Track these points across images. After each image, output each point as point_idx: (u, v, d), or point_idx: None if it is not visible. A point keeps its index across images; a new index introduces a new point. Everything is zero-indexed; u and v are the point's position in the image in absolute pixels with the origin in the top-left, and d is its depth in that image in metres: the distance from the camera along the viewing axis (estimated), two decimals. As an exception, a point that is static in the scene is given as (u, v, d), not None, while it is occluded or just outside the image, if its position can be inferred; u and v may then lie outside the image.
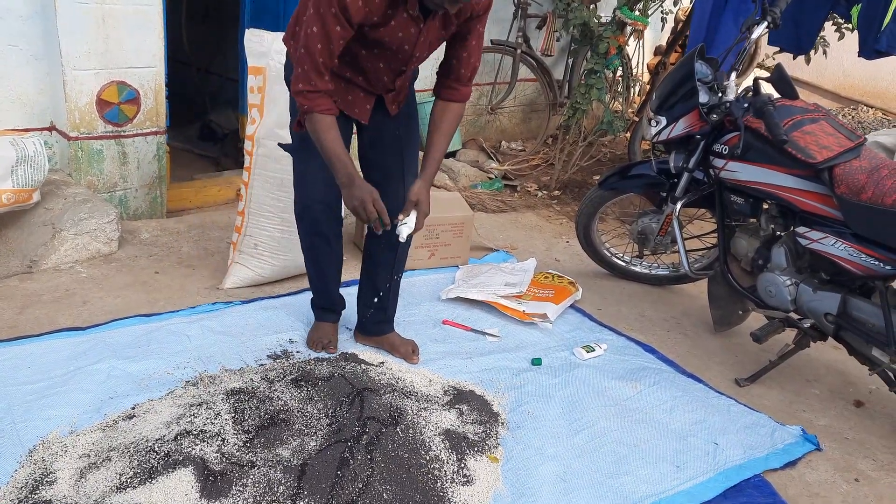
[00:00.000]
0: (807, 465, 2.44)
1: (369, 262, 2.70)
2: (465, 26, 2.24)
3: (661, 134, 3.03)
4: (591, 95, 4.72)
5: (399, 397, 2.39)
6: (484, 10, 2.22)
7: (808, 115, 2.67)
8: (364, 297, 2.76)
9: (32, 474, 1.98)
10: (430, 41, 2.25)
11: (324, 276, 2.71)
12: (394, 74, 2.32)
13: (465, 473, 2.15)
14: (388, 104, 2.41)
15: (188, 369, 2.54)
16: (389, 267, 2.66)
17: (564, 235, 4.20)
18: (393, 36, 2.17)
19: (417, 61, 2.31)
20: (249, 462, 2.01)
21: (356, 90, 2.37)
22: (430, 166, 2.36)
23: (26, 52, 3.28)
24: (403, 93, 2.43)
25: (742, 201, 2.89)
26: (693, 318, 3.37)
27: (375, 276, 2.69)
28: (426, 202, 2.33)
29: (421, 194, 2.32)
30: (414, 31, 2.18)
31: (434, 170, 2.37)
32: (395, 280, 2.71)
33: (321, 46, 2.10)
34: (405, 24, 2.16)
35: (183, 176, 4.23)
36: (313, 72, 2.13)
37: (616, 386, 2.70)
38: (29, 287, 2.99)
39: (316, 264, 2.69)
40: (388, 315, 2.78)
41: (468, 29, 2.25)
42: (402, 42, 2.20)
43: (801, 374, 2.97)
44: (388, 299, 2.74)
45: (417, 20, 2.15)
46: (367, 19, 2.09)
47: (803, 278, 2.74)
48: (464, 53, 2.30)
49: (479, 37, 2.30)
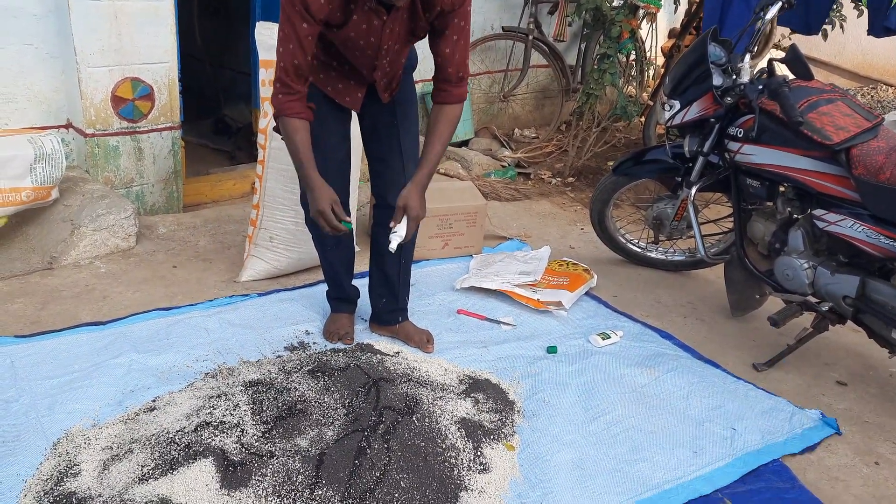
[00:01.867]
0: (826, 450, 2.43)
1: (377, 251, 2.71)
2: (440, 21, 2.21)
3: (675, 118, 3.01)
4: (605, 80, 4.69)
5: (415, 387, 2.40)
6: (459, 4, 2.17)
7: (824, 96, 2.65)
8: (375, 287, 2.77)
9: (57, 466, 2.01)
10: (397, 32, 2.24)
11: (335, 268, 2.73)
12: (369, 67, 2.32)
13: (482, 461, 2.16)
14: (379, 92, 2.41)
15: (207, 362, 2.56)
16: (397, 255, 2.65)
17: (579, 222, 4.19)
18: (357, 30, 2.18)
19: (388, 53, 2.28)
20: (268, 452, 2.03)
21: (346, 79, 2.38)
22: (422, 170, 2.33)
23: (41, 51, 3.31)
24: (395, 81, 2.42)
25: (758, 185, 2.87)
26: (710, 303, 3.35)
27: (384, 266, 2.70)
28: (416, 206, 2.30)
29: (410, 199, 2.29)
30: (377, 23, 2.18)
31: (427, 173, 2.34)
32: (404, 268, 2.72)
33: (292, 46, 2.13)
34: (367, 18, 2.17)
35: (198, 170, 4.26)
36: (286, 74, 2.17)
37: (632, 373, 2.70)
38: (50, 283, 3.03)
39: (327, 257, 2.71)
40: (401, 304, 2.79)
41: (444, 24, 2.20)
42: (368, 35, 2.21)
43: (820, 358, 2.95)
44: (400, 288, 2.75)
45: (379, 13, 2.14)
46: (330, 16, 2.11)
47: (821, 261, 2.71)
48: (446, 50, 2.25)
49: (461, 32, 2.23)
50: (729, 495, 2.16)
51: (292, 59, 2.15)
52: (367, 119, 2.54)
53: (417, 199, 2.30)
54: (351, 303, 2.84)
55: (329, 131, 2.45)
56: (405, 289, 2.79)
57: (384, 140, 2.53)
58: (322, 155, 2.34)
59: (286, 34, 2.13)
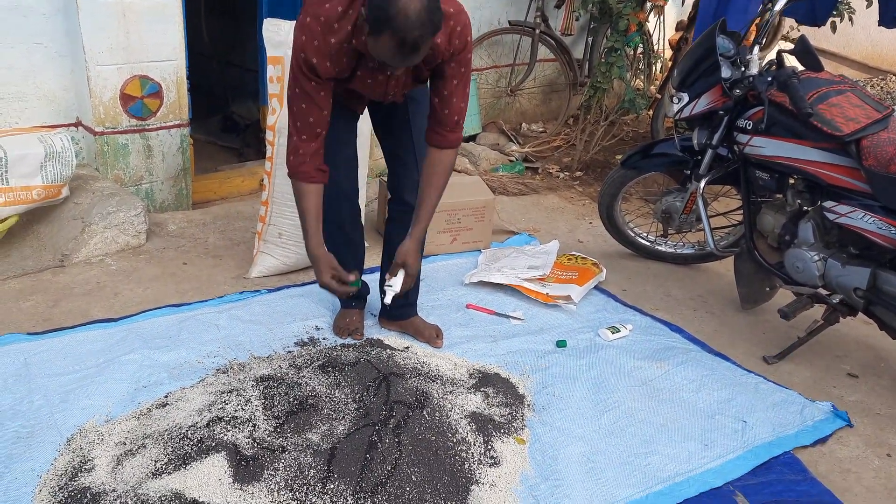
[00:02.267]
0: (837, 442, 2.42)
1: (389, 247, 2.71)
2: (440, 69, 2.21)
3: (684, 111, 3.00)
4: (612, 74, 4.67)
5: (425, 381, 2.41)
6: (458, 51, 2.17)
7: (834, 87, 2.63)
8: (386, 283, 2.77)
9: (71, 462, 2.03)
10: (402, 83, 2.28)
11: (345, 264, 2.73)
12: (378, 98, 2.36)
13: (493, 455, 2.17)
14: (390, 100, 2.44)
15: (218, 357, 2.58)
16: None
17: (587, 216, 4.19)
18: (363, 84, 2.25)
19: (395, 97, 2.34)
20: (280, 447, 2.05)
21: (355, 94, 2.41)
22: (419, 223, 2.36)
23: (51, 50, 3.33)
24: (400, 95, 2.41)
25: (767, 177, 2.86)
26: (719, 296, 3.35)
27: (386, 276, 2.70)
28: (413, 263, 2.37)
29: (408, 255, 2.35)
30: (381, 77, 2.22)
31: (424, 226, 2.36)
32: None
33: (305, 106, 2.17)
34: (371, 74, 2.20)
35: (206, 168, 4.28)
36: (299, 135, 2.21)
37: (642, 366, 2.70)
38: (61, 280, 3.05)
39: (336, 253, 2.71)
40: (411, 299, 2.80)
41: (444, 69, 2.21)
42: (374, 87, 2.27)
43: (831, 351, 2.94)
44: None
45: (383, 68, 2.11)
46: (337, 75, 2.16)
47: (831, 253, 2.70)
48: (444, 92, 2.25)
49: (461, 77, 2.23)
50: (740, 487, 2.16)
51: (307, 117, 2.18)
52: (379, 115, 2.56)
53: (415, 255, 2.37)
54: (360, 298, 2.84)
55: (338, 127, 2.45)
56: (416, 286, 2.79)
57: (397, 136, 2.54)
58: (331, 150, 2.35)
59: (297, 94, 2.16)
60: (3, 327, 2.68)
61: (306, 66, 2.10)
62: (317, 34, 2.06)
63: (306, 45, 2.07)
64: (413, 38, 1.88)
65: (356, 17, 2.04)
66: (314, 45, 2.07)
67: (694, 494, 2.12)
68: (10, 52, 3.23)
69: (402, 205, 2.58)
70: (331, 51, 2.09)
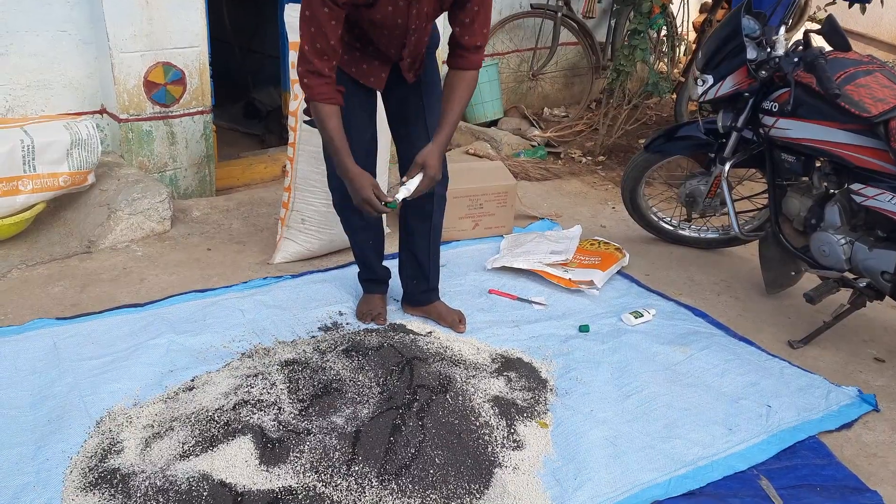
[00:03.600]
0: (864, 426, 2.40)
1: (406, 232, 2.73)
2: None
3: (708, 93, 2.97)
4: (635, 57, 4.63)
5: (448, 365, 2.42)
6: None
7: (862, 68, 2.59)
8: (405, 268, 2.79)
9: (101, 444, 2.07)
10: (424, 13, 2.23)
11: (365, 250, 2.75)
12: (397, 47, 2.31)
13: (515, 438, 2.17)
14: (403, 72, 2.40)
15: (243, 342, 2.61)
16: (426, 236, 2.69)
17: (610, 201, 4.16)
18: (384, 13, 2.17)
19: (416, 33, 2.28)
20: (305, 430, 2.07)
21: (370, 59, 2.38)
22: (442, 130, 2.33)
23: (75, 37, 3.36)
24: (419, 61, 2.41)
25: (793, 160, 2.82)
26: (744, 280, 3.32)
27: (414, 246, 2.71)
28: (434, 166, 2.30)
29: (429, 157, 2.30)
30: (403, 4, 2.17)
31: (447, 134, 2.34)
32: (433, 249, 2.73)
33: (314, 30, 2.11)
34: (394, 1, 2.16)
35: (229, 154, 4.31)
36: (313, 56, 2.15)
37: (666, 351, 2.69)
38: (88, 266, 3.09)
39: (356, 240, 2.73)
40: (432, 284, 2.81)
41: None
42: (395, 17, 2.19)
43: (857, 335, 2.91)
44: (430, 268, 2.76)
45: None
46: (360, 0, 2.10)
47: (858, 236, 2.67)
48: (465, 19, 2.24)
49: (482, 3, 2.23)
50: (764, 472, 2.15)
51: (314, 43, 2.13)
52: (392, 100, 2.55)
53: (436, 159, 2.31)
54: (382, 283, 2.86)
55: (355, 112, 2.45)
56: (435, 269, 2.80)
57: (410, 120, 2.53)
58: (348, 135, 2.34)
59: (308, 17, 2.11)
60: (32, 312, 2.73)
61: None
62: None
63: None
64: None
65: None
66: None
67: (718, 478, 2.11)
68: (36, 40, 3.27)
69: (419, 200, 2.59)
70: None
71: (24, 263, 3.06)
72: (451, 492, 1.96)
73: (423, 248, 2.71)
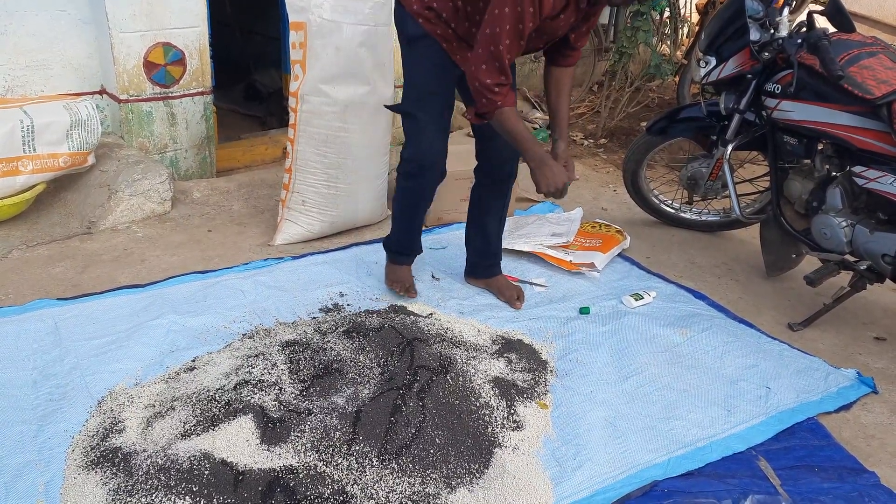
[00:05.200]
0: (862, 408, 2.41)
1: (479, 210, 2.77)
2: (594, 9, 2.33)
3: (711, 75, 2.95)
4: (638, 39, 4.60)
5: (448, 347, 2.42)
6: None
7: (866, 49, 2.57)
8: (473, 242, 2.86)
9: (103, 423, 2.08)
10: (568, 25, 2.31)
11: (415, 222, 2.77)
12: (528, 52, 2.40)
13: (515, 419, 2.18)
14: None
15: (244, 323, 2.61)
16: (499, 213, 2.78)
17: (611, 184, 4.15)
18: (558, 24, 2.26)
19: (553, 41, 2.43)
20: (306, 409, 2.08)
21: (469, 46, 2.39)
22: (563, 128, 2.49)
23: (74, 17, 3.34)
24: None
25: (795, 142, 2.81)
26: (744, 263, 3.32)
27: (485, 222, 2.78)
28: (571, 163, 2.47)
29: (567, 154, 2.48)
30: (574, 19, 2.27)
31: (567, 128, 2.53)
32: (503, 224, 2.83)
33: (510, 42, 2.14)
34: (573, 14, 2.25)
35: (230, 136, 4.29)
36: (505, 67, 2.19)
37: (666, 333, 2.69)
38: (89, 247, 3.09)
39: (411, 215, 2.74)
40: (497, 259, 2.89)
41: (595, 11, 2.35)
42: (563, 28, 2.29)
43: (857, 318, 2.91)
44: (497, 244, 2.86)
45: (583, 11, 2.25)
46: (552, 12, 2.16)
47: (859, 219, 2.66)
48: (583, 27, 2.39)
49: (597, 18, 2.44)
50: (763, 452, 2.16)
51: (508, 54, 2.16)
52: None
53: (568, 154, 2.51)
54: (413, 255, 2.87)
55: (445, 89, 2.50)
56: (499, 244, 2.88)
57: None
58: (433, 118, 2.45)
59: (509, 29, 2.12)
60: (33, 293, 2.74)
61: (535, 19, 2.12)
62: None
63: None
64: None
65: None
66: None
67: (716, 459, 2.12)
68: (35, 20, 3.25)
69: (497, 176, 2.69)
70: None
71: (24, 244, 3.06)
72: (452, 471, 1.97)
73: (495, 224, 2.80)
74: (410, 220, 2.75)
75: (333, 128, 3.04)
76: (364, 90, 3.04)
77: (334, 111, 3.01)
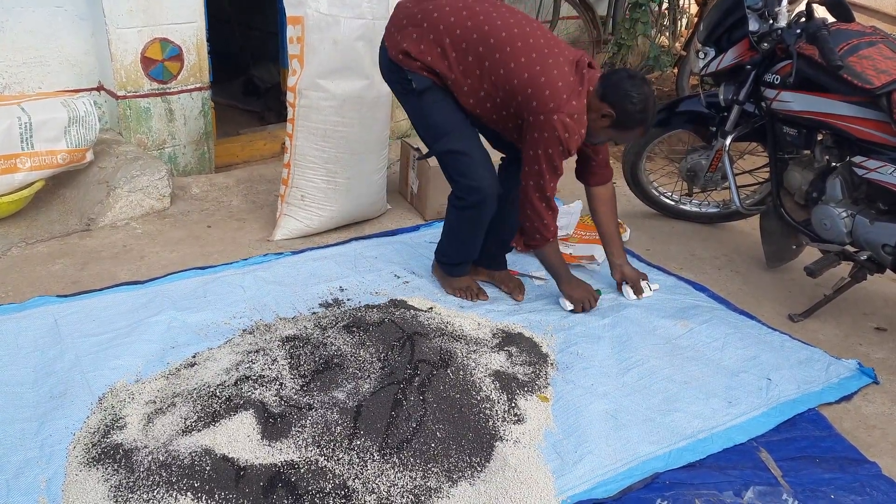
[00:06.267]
0: (863, 399, 2.41)
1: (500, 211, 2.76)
2: None
3: (710, 66, 2.95)
4: (637, 30, 4.59)
5: (449, 341, 2.42)
6: None
7: (865, 39, 2.56)
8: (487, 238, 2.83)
9: (103, 420, 2.08)
10: None
11: (478, 242, 2.80)
12: None
13: (516, 412, 2.18)
14: None
15: (244, 318, 2.61)
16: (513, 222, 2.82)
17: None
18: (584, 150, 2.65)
19: None
20: (307, 404, 2.08)
21: None
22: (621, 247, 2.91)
23: (71, 13, 3.33)
24: None
25: (795, 133, 2.81)
26: (745, 255, 3.32)
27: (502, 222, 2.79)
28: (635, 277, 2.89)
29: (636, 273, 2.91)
30: None
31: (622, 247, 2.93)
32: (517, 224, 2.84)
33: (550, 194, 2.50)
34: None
35: (229, 131, 4.28)
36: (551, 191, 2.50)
37: (666, 325, 2.69)
38: (88, 244, 3.09)
39: (475, 235, 2.76)
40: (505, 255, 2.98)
41: None
42: None
43: (858, 308, 2.91)
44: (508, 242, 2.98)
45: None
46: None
47: (860, 209, 2.66)
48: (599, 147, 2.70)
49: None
50: (764, 444, 2.16)
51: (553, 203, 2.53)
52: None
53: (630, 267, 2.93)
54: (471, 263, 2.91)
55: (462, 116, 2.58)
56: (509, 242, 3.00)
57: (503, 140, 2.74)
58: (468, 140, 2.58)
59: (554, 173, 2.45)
60: (33, 290, 2.73)
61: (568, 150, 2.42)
62: (576, 131, 2.39)
63: (570, 141, 2.39)
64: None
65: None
66: (576, 139, 2.41)
67: (718, 450, 2.12)
68: (32, 16, 3.24)
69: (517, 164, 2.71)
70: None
71: (23, 241, 3.05)
72: (453, 465, 1.97)
73: (511, 223, 2.82)
74: (474, 238, 2.77)
75: (332, 122, 3.03)
76: (362, 84, 3.03)
77: (332, 106, 3.00)
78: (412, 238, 3.27)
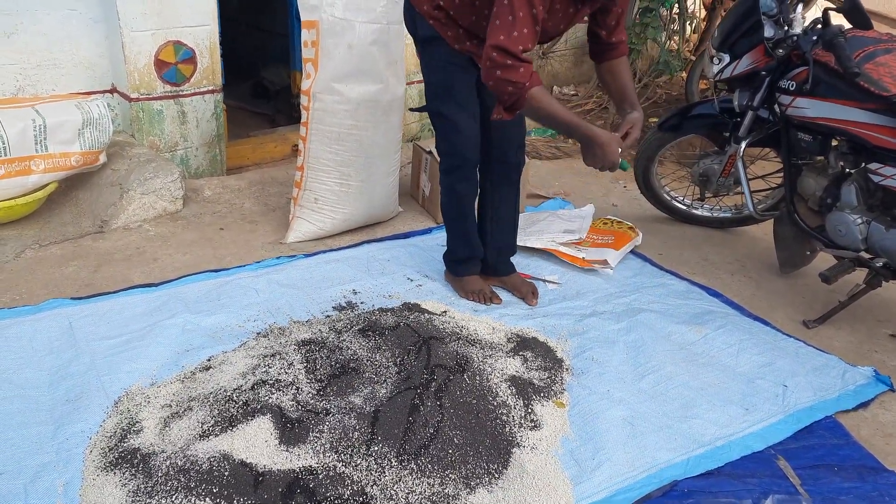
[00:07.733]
0: (880, 406, 2.40)
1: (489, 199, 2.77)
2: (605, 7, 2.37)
3: (724, 72, 2.94)
4: (646, 35, 4.59)
5: (464, 345, 2.42)
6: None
7: (882, 46, 2.56)
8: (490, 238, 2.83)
9: (120, 424, 2.08)
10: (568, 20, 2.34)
11: (468, 224, 2.76)
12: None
13: (533, 418, 2.18)
14: None
15: (258, 322, 2.61)
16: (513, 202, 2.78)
17: (621, 180, 4.14)
18: (554, 20, 2.27)
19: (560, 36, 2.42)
20: (324, 409, 2.07)
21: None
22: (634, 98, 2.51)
23: (85, 16, 3.33)
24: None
25: (810, 139, 2.80)
26: (758, 260, 3.31)
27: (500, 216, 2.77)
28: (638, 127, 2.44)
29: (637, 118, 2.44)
30: (572, 10, 2.29)
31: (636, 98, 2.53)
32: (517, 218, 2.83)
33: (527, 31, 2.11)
34: (566, 7, 2.26)
35: (239, 134, 4.29)
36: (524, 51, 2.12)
37: (681, 330, 2.68)
38: (101, 246, 3.09)
39: (463, 214, 2.74)
40: (514, 253, 2.91)
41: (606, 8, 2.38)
42: (560, 24, 2.32)
43: (873, 315, 2.90)
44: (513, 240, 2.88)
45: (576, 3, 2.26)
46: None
47: (875, 216, 2.65)
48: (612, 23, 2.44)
49: (624, 5, 2.43)
50: (781, 451, 2.15)
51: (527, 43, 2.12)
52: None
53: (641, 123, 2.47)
54: (479, 261, 2.86)
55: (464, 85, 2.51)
56: (515, 237, 2.90)
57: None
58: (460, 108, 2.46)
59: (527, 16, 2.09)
60: (46, 292, 2.74)
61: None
62: None
63: None
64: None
65: None
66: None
67: (735, 458, 2.11)
68: (46, 19, 3.24)
69: (506, 165, 2.68)
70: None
71: (37, 243, 3.05)
72: (471, 471, 1.96)
73: (510, 213, 2.80)
74: (463, 220, 2.74)
75: (346, 126, 3.03)
76: (376, 88, 3.04)
77: (347, 109, 3.00)
78: (424, 241, 3.27)
